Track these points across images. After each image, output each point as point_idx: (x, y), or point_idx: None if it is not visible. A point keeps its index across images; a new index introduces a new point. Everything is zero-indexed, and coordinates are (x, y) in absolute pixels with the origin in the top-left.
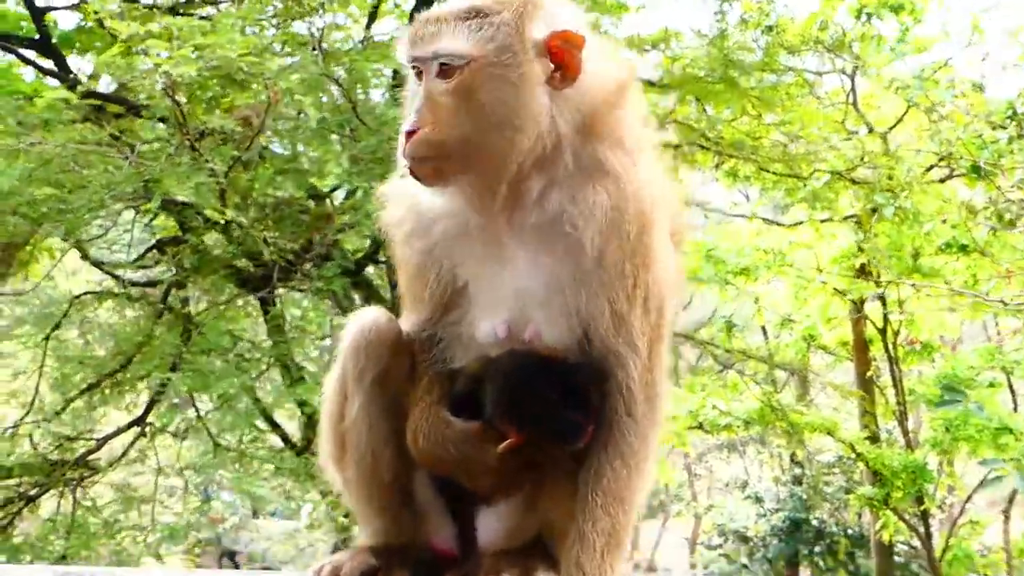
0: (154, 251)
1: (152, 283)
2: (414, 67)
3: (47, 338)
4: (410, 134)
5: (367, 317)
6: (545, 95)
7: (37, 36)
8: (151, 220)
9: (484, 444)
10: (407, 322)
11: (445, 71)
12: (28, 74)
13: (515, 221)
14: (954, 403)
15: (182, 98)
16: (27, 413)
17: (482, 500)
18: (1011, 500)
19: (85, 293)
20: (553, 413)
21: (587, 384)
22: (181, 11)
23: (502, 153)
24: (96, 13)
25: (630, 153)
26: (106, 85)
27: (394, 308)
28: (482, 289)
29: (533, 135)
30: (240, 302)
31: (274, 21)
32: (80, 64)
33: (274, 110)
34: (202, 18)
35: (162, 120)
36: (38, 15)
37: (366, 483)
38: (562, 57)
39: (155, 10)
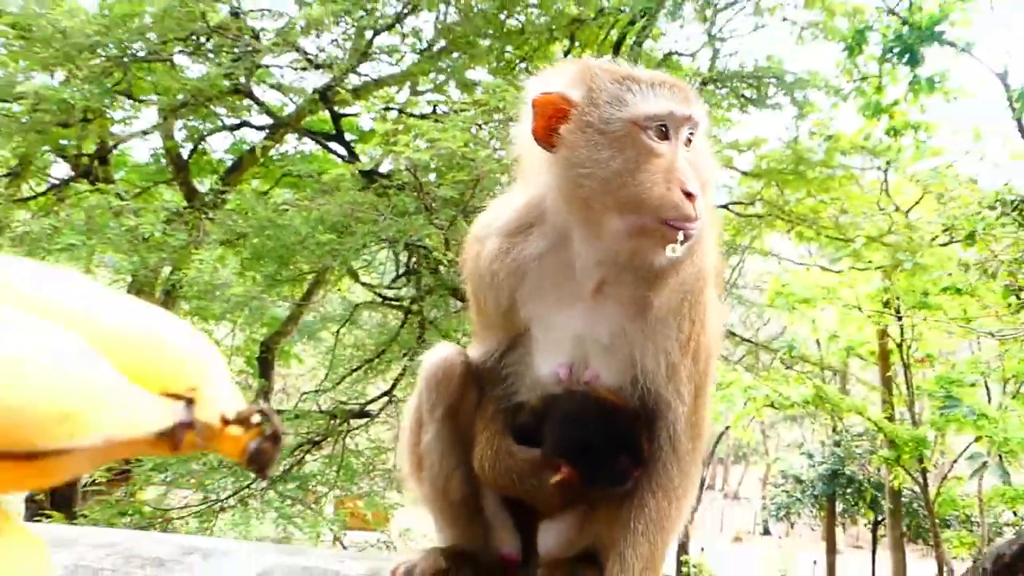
0: (402, 277)
1: (400, 299)
2: (658, 125)
3: (337, 332)
4: (691, 196)
5: (439, 354)
6: None
7: (334, 131)
8: (398, 256)
9: (542, 474)
10: (476, 352)
11: (690, 136)
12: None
13: (605, 272)
14: (953, 407)
15: (420, 176)
16: (323, 381)
17: (543, 515)
18: (984, 464)
19: (360, 303)
20: (604, 458)
21: (639, 432)
22: (420, 113)
23: None
24: (372, 112)
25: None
26: (385, 166)
27: None
28: (547, 330)
29: None
30: (459, 312)
31: (486, 122)
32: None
33: (481, 183)
34: (436, 120)
35: (403, 188)
36: (336, 118)
37: (438, 499)
38: None
39: (404, 115)
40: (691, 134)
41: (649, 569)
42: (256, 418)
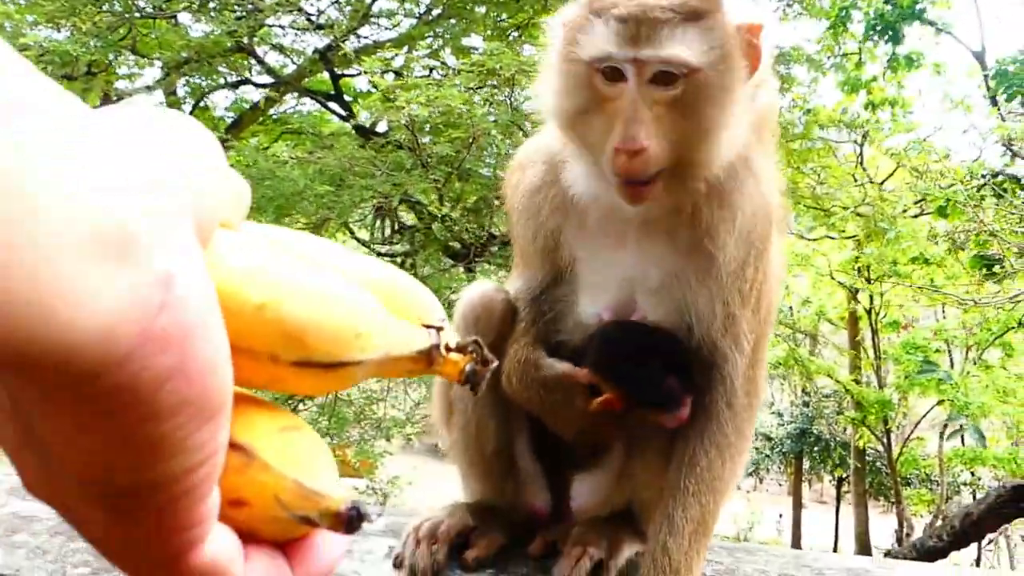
0: (396, 233)
1: (394, 255)
2: (608, 67)
3: None
4: (636, 153)
5: (476, 290)
6: (744, 93)
7: (333, 92)
8: (394, 211)
9: (571, 392)
10: (514, 285)
11: (663, 78)
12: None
13: (654, 213)
14: (929, 372)
15: (417, 133)
16: None
17: (578, 467)
18: (945, 425)
19: None
20: (654, 377)
21: (690, 360)
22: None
23: (707, 166)
24: (370, 74)
25: (768, 148)
26: (383, 127)
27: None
28: (592, 269)
29: (740, 141)
30: (451, 268)
31: (483, 87)
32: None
33: (477, 143)
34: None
35: (400, 147)
36: (335, 79)
37: (469, 449)
38: (751, 49)
39: (401, 77)
40: (667, 73)
41: (700, 533)
42: (471, 347)
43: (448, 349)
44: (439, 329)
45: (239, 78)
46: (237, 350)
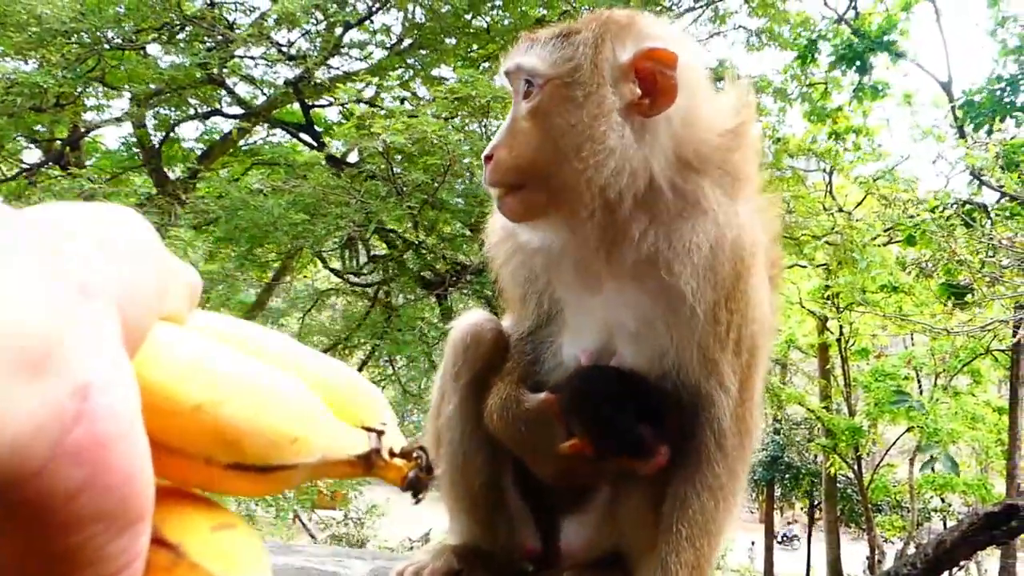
0: (369, 263)
1: (368, 284)
2: (502, 83)
3: (303, 317)
4: (488, 159)
5: (469, 319)
6: (627, 124)
7: (305, 123)
8: (366, 241)
9: (550, 427)
10: (506, 322)
11: (527, 92)
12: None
13: (614, 257)
14: (903, 402)
15: (392, 160)
16: None
17: (567, 508)
18: (915, 452)
19: (327, 289)
20: (620, 423)
21: (663, 407)
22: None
23: (575, 184)
24: (343, 104)
25: (733, 192)
26: (353, 158)
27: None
28: (574, 317)
29: (613, 167)
30: (424, 298)
31: (456, 115)
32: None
33: (452, 169)
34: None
35: (374, 176)
36: (306, 109)
37: (457, 484)
38: (653, 80)
39: (372, 107)
40: (528, 83)
41: None
42: (416, 453)
43: (392, 454)
44: (380, 433)
45: (209, 109)
46: (171, 450)
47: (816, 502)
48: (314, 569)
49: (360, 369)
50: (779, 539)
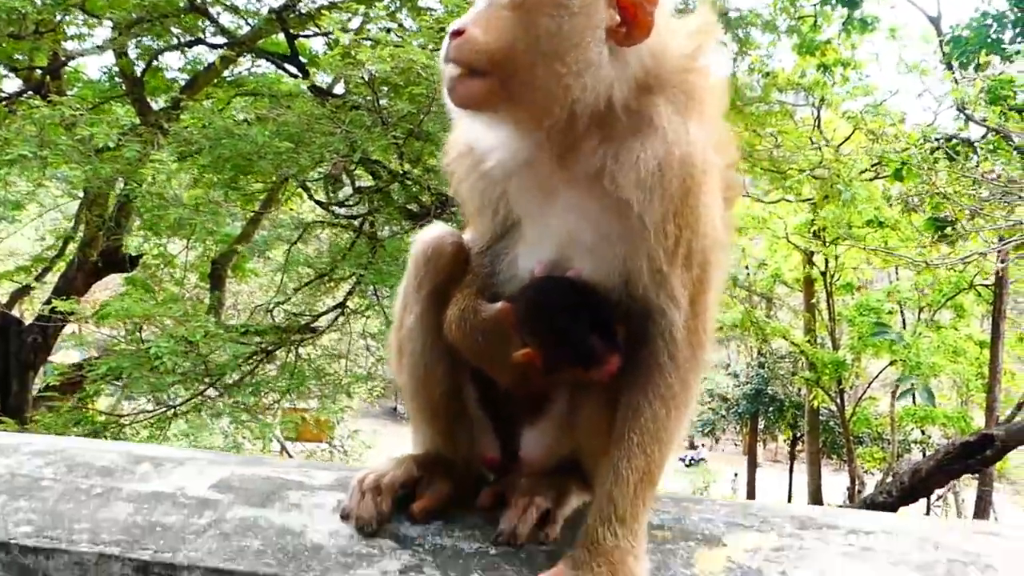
0: (355, 195)
1: (353, 216)
2: None
3: (289, 249)
4: (456, 33)
5: (432, 233)
6: (604, 47)
7: (289, 54)
8: (351, 172)
9: (506, 336)
10: (467, 236)
11: None
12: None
13: (568, 169)
14: (883, 333)
15: (377, 91)
16: (275, 296)
17: (526, 418)
18: (897, 385)
19: (314, 222)
20: (572, 333)
21: (614, 317)
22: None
23: (548, 90)
24: (328, 34)
25: (686, 111)
26: (339, 89)
27: None
28: (530, 230)
29: (585, 84)
30: (410, 230)
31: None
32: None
33: (437, 101)
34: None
35: (359, 107)
36: (291, 39)
37: (419, 393)
38: (631, 12)
39: (361, 33)
40: None
41: (646, 483)
42: None
43: None
44: None
45: (192, 39)
46: None
47: (799, 434)
48: (279, 478)
49: (345, 300)
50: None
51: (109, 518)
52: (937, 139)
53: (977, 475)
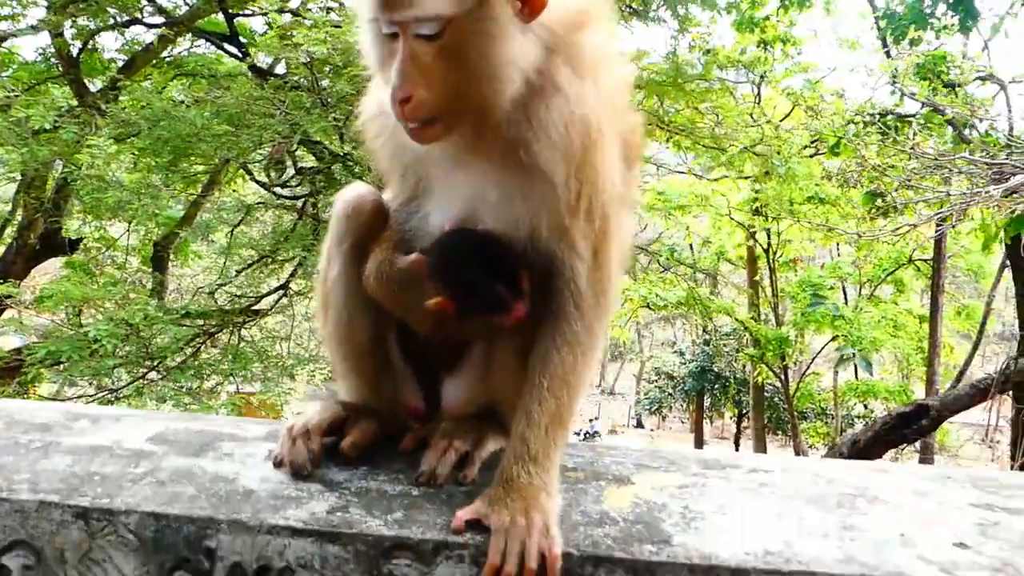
0: (296, 175)
1: (296, 197)
2: (388, 31)
3: (232, 231)
4: (404, 101)
5: (352, 191)
6: (519, 33)
7: (228, 33)
8: (293, 153)
9: (420, 286)
10: (386, 195)
11: (428, 35)
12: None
13: (483, 142)
14: (819, 304)
15: (317, 72)
16: (218, 278)
17: (447, 368)
18: (838, 361)
19: (256, 204)
20: (478, 282)
21: (520, 266)
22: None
23: (493, 101)
24: (264, 13)
25: (584, 74)
26: (281, 69)
27: None
28: (441, 189)
29: (519, 76)
30: None
31: None
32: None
33: None
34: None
35: (298, 87)
36: (230, 19)
37: (342, 343)
38: None
39: (300, 14)
40: (427, 32)
41: (556, 424)
42: None
43: None
44: None
45: (129, 18)
46: None
47: (744, 411)
48: (213, 431)
49: (288, 281)
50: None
51: (48, 469)
52: (872, 114)
53: (917, 446)
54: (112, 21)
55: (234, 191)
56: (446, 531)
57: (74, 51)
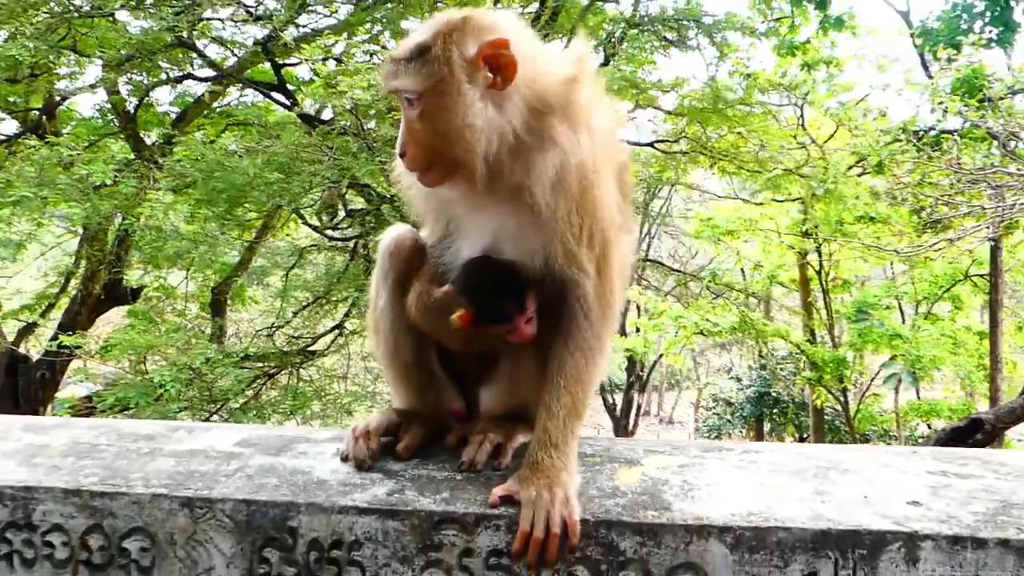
0: (347, 217)
1: (347, 238)
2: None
3: (287, 274)
4: (403, 155)
5: (394, 232)
6: (489, 100)
7: (276, 82)
8: (343, 195)
9: (452, 312)
10: (423, 234)
11: (410, 102)
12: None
13: (494, 190)
14: (863, 320)
15: (361, 117)
16: (275, 320)
17: (483, 379)
18: (899, 381)
19: (310, 246)
20: (488, 297)
21: (528, 288)
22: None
23: (468, 156)
24: (310, 62)
25: (576, 125)
26: (328, 115)
27: None
28: (467, 227)
29: (490, 136)
30: None
31: None
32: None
33: None
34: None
35: (345, 132)
36: (277, 68)
37: (392, 360)
38: (497, 61)
39: (345, 61)
40: (408, 99)
41: (572, 416)
42: None
43: None
44: None
45: (181, 73)
46: None
47: (805, 435)
48: (289, 436)
49: (343, 321)
50: None
51: (156, 469)
52: (916, 131)
53: None
54: (164, 76)
55: (287, 235)
56: (485, 506)
57: (130, 107)
